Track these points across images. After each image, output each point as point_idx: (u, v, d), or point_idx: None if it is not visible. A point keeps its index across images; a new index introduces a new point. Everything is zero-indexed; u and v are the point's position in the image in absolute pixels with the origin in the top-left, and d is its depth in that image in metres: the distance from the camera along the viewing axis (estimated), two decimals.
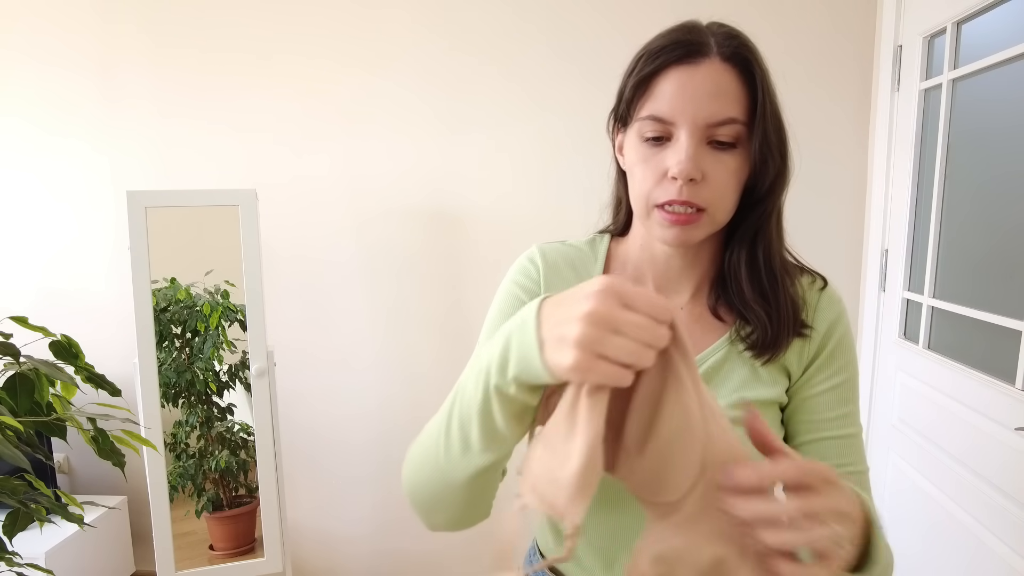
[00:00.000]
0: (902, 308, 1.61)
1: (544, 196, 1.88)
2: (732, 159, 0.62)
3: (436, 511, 0.62)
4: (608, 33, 1.79)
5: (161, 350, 1.78)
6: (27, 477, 1.00)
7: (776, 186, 0.66)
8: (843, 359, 0.69)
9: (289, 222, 1.99)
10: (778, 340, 0.66)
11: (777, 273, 0.67)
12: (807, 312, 0.69)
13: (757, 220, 0.67)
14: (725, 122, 0.60)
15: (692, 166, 0.60)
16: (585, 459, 0.40)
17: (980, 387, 1.26)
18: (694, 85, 0.60)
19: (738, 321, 0.69)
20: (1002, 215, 1.25)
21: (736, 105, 0.61)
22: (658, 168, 0.62)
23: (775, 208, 0.68)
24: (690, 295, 0.72)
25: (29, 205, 2.07)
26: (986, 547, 1.23)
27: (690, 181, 0.61)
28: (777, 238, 0.69)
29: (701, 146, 0.61)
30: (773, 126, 0.63)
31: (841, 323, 0.70)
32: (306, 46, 1.91)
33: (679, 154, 0.60)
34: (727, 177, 0.62)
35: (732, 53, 0.61)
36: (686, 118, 0.60)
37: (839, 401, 0.68)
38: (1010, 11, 1.22)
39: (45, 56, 1.99)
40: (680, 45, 0.61)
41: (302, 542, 2.17)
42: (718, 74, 0.60)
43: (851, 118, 1.74)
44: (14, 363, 0.95)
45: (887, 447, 1.65)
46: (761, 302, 0.67)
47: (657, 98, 0.62)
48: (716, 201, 0.62)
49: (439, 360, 2.02)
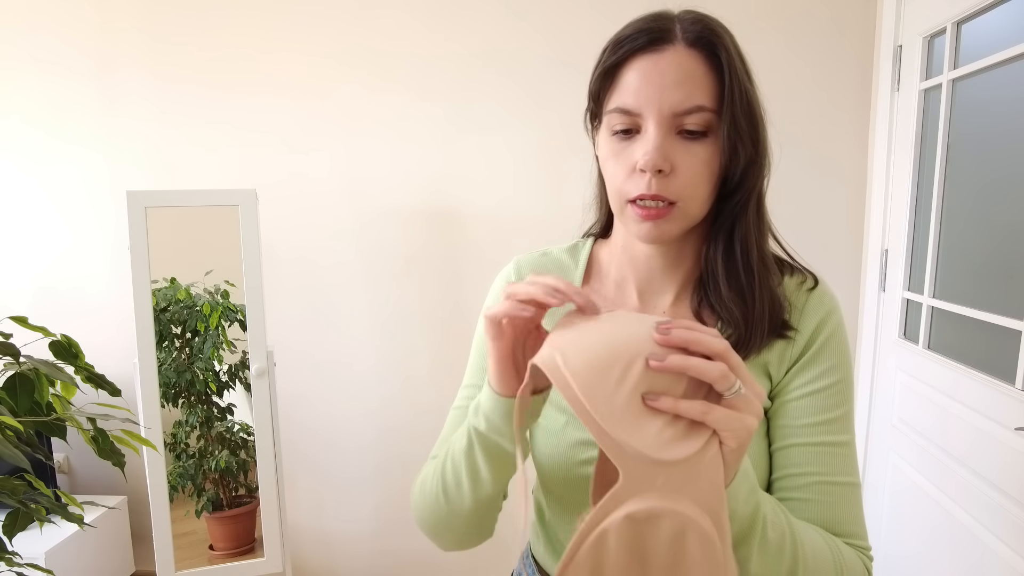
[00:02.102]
0: (902, 308, 1.61)
1: (545, 197, 1.88)
2: (703, 148, 0.59)
3: (442, 537, 0.69)
4: (610, 33, 1.79)
5: (161, 350, 1.78)
6: (27, 477, 1.00)
7: (749, 174, 0.63)
8: (829, 362, 0.65)
9: (289, 222, 1.99)
10: (751, 340, 0.63)
11: (755, 268, 0.64)
12: (792, 313, 0.65)
13: (732, 211, 0.64)
14: (692, 110, 0.58)
15: (659, 156, 0.58)
16: None
17: (980, 387, 1.25)
18: (658, 73, 0.58)
19: (719, 323, 0.66)
20: (1002, 215, 1.25)
21: (703, 92, 0.58)
22: (628, 161, 0.61)
23: (751, 198, 0.64)
24: (673, 297, 0.69)
25: (29, 205, 2.07)
26: (986, 547, 1.23)
27: (658, 173, 0.58)
28: (756, 230, 0.65)
29: (669, 136, 0.59)
30: (743, 111, 0.59)
31: (828, 325, 0.65)
32: (306, 46, 1.91)
33: (646, 145, 0.58)
34: (698, 167, 0.60)
35: (696, 38, 0.59)
36: (652, 108, 0.58)
37: (821, 407, 0.63)
38: (1010, 11, 1.22)
39: (45, 56, 1.99)
40: (643, 33, 0.60)
41: (302, 542, 2.17)
42: (683, 60, 0.58)
43: (851, 118, 1.74)
44: (14, 363, 0.95)
45: (887, 447, 1.65)
46: (737, 300, 0.64)
47: (622, 90, 0.60)
48: (687, 193, 0.60)
49: (439, 361, 2.02)
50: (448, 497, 0.63)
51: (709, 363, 0.44)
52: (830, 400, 0.64)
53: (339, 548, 2.17)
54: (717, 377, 0.44)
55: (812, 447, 0.63)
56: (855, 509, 0.63)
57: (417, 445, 2.05)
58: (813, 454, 0.63)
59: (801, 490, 0.62)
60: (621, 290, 0.71)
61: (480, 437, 0.58)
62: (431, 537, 0.70)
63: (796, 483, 0.63)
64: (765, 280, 0.65)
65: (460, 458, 0.61)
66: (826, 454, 0.63)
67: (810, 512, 0.62)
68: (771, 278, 0.66)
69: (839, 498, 0.62)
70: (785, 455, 0.64)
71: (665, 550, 0.44)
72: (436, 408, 2.04)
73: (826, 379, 0.64)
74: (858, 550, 0.62)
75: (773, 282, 0.66)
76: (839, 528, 0.62)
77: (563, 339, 0.47)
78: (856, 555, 0.61)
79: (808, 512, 0.62)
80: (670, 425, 0.44)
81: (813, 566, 0.56)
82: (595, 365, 0.44)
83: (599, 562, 0.44)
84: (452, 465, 0.62)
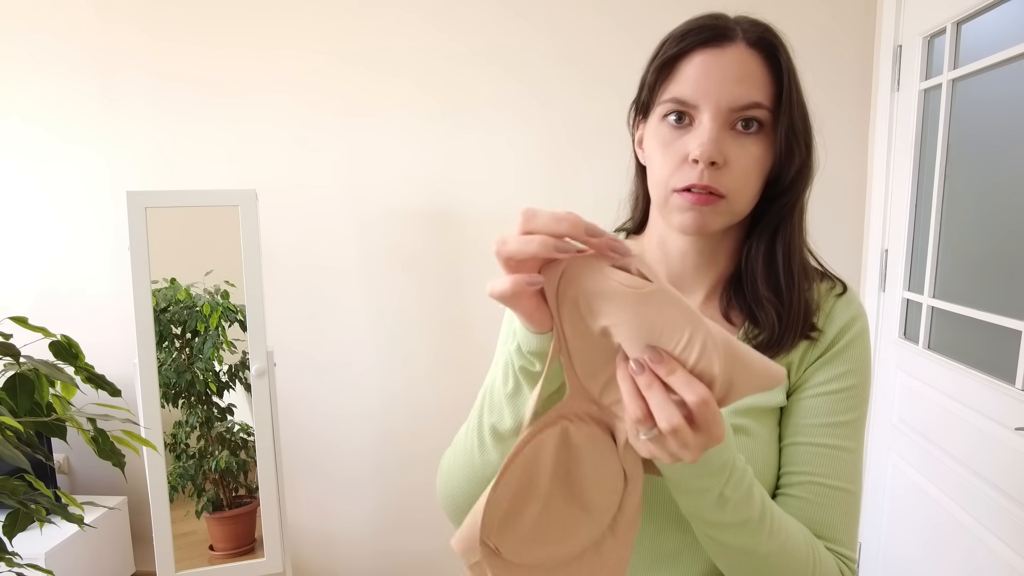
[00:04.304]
0: (902, 308, 1.61)
1: (547, 197, 1.88)
2: (756, 146, 0.61)
3: (471, 500, 0.63)
4: (612, 33, 1.79)
5: (161, 350, 1.78)
6: (27, 477, 1.00)
7: (800, 178, 0.64)
8: (847, 366, 0.65)
9: (289, 223, 1.98)
10: (783, 340, 0.64)
11: (795, 272, 0.65)
12: (819, 316, 0.66)
13: (779, 213, 0.65)
14: (750, 106, 0.59)
15: (714, 149, 0.58)
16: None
17: (980, 387, 1.26)
18: (719, 68, 0.59)
19: (747, 323, 0.67)
20: (1002, 215, 1.25)
21: (761, 90, 0.60)
22: (679, 152, 0.61)
23: (798, 202, 0.65)
24: (704, 296, 0.70)
25: (29, 206, 2.07)
26: (986, 547, 1.23)
27: (711, 165, 0.59)
28: (799, 235, 0.66)
29: (724, 131, 0.60)
30: (799, 114, 0.61)
31: (852, 329, 0.66)
32: (308, 46, 1.91)
33: (701, 136, 0.59)
34: (750, 164, 0.60)
35: (758, 39, 0.61)
36: (710, 101, 0.59)
37: (832, 409, 0.64)
38: (1010, 11, 1.22)
39: (45, 56, 1.99)
40: (706, 29, 0.61)
41: (302, 542, 2.17)
42: (744, 58, 0.60)
43: (851, 118, 1.74)
44: (14, 363, 0.95)
45: (887, 447, 1.65)
46: (774, 301, 0.64)
47: (681, 81, 0.61)
48: (737, 188, 0.60)
49: (439, 361, 2.02)
50: (483, 444, 0.59)
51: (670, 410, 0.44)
52: (842, 404, 0.64)
53: (339, 548, 2.17)
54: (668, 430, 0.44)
55: (815, 447, 0.63)
56: (846, 517, 0.63)
57: (417, 445, 2.05)
58: (814, 454, 0.63)
59: (795, 488, 0.63)
60: None
61: (522, 361, 0.52)
62: (457, 513, 0.64)
63: (793, 480, 0.63)
64: (802, 284, 0.66)
65: (500, 389, 0.56)
66: (827, 456, 0.63)
67: (799, 510, 0.62)
68: (807, 282, 0.67)
69: (831, 501, 0.62)
70: (789, 452, 0.65)
71: (587, 465, 0.49)
72: (436, 408, 2.04)
73: (841, 382, 0.64)
74: (839, 557, 0.62)
75: (808, 286, 0.66)
76: (824, 531, 0.62)
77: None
78: (834, 560, 0.61)
79: (797, 510, 0.62)
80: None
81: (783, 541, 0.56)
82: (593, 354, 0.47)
83: (534, 463, 0.48)
84: (491, 401, 0.57)
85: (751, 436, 0.63)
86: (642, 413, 0.43)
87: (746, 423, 0.64)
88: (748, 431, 0.63)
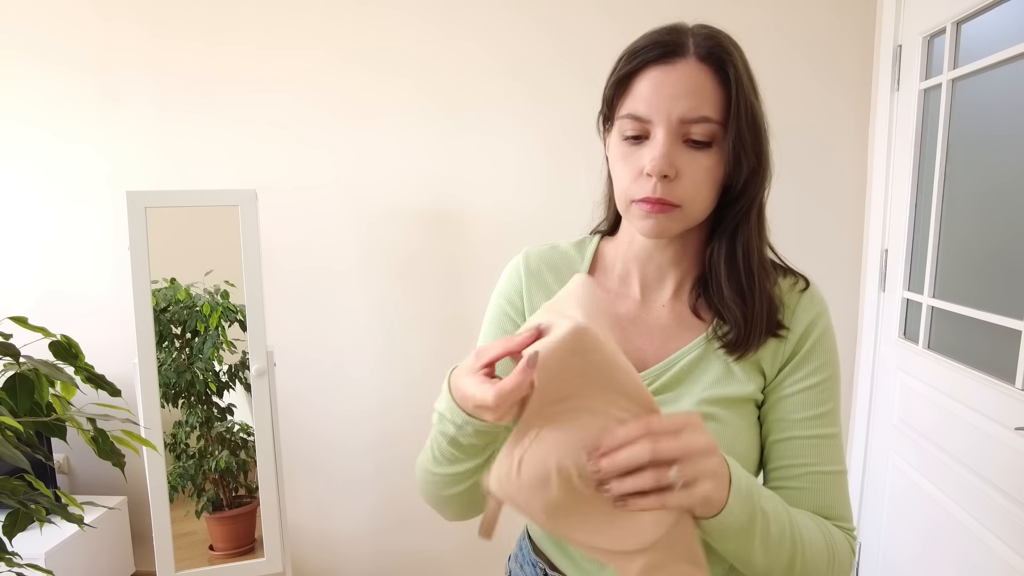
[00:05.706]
0: (902, 308, 1.61)
1: (546, 198, 1.88)
2: (707, 157, 0.63)
3: (444, 509, 0.74)
4: (613, 33, 1.79)
5: (161, 350, 1.78)
6: (27, 477, 1.00)
7: (752, 184, 0.67)
8: (819, 360, 0.70)
9: (289, 223, 1.98)
10: (750, 338, 0.68)
11: (755, 271, 0.69)
12: (784, 313, 0.70)
13: (735, 217, 0.69)
14: (699, 120, 0.62)
15: (665, 163, 0.61)
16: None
17: (980, 387, 1.26)
18: (670, 84, 0.62)
19: (716, 320, 0.70)
20: (1002, 215, 1.25)
21: (710, 104, 0.62)
22: (635, 165, 0.64)
23: (753, 206, 0.68)
24: (672, 292, 0.74)
25: (29, 205, 2.07)
26: (986, 547, 1.23)
27: (663, 178, 0.62)
28: (757, 236, 0.70)
29: (676, 144, 0.63)
30: (748, 125, 0.63)
31: (819, 324, 0.70)
32: (308, 46, 1.91)
33: (654, 151, 0.62)
34: (701, 175, 0.63)
35: (707, 53, 0.62)
36: (661, 116, 0.62)
37: (813, 402, 0.69)
38: (1010, 11, 1.22)
39: (44, 55, 1.99)
40: (658, 45, 0.63)
41: (302, 542, 2.17)
42: (694, 73, 0.62)
43: (851, 118, 1.74)
44: (14, 363, 0.95)
45: (887, 447, 1.65)
46: (738, 300, 0.68)
47: (635, 97, 0.64)
48: (690, 197, 0.64)
49: (439, 361, 2.02)
50: (438, 465, 0.68)
51: (643, 476, 0.49)
52: (821, 396, 0.69)
53: (339, 548, 2.17)
54: (654, 484, 0.49)
55: (806, 439, 0.69)
56: (843, 495, 0.70)
57: (417, 445, 2.04)
58: (807, 446, 0.68)
59: (796, 479, 0.68)
60: (625, 284, 0.76)
61: (455, 436, 0.62)
62: (434, 508, 0.76)
63: (792, 473, 0.69)
64: (763, 282, 0.69)
65: (443, 436, 0.65)
66: (818, 446, 0.68)
67: (804, 500, 0.68)
68: (768, 280, 0.70)
69: (830, 486, 0.68)
70: (782, 447, 0.70)
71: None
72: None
73: (817, 376, 0.70)
74: (845, 531, 0.69)
75: (770, 284, 0.70)
76: (830, 513, 0.68)
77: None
78: (843, 536, 0.68)
79: (803, 500, 0.68)
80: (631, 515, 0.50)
81: (811, 553, 0.62)
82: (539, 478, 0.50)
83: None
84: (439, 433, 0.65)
85: (721, 423, 0.68)
86: (655, 480, 0.49)
87: (716, 411, 0.68)
88: (717, 418, 0.68)
